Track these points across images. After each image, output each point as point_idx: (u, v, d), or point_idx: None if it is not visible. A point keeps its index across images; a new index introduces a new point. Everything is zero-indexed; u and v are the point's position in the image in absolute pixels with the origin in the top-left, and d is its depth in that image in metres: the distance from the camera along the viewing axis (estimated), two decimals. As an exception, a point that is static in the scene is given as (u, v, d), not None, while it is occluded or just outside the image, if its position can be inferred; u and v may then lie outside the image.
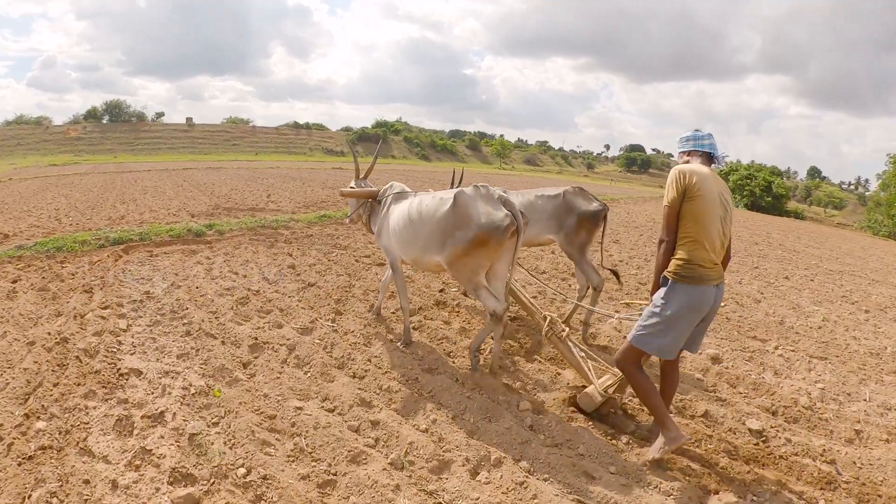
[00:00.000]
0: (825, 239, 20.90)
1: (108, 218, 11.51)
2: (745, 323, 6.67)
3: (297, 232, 10.38)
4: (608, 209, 5.65)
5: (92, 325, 5.17)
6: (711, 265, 3.16)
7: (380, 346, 5.06)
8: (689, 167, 3.21)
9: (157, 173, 25.72)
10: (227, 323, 5.42)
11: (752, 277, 9.70)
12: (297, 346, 4.92)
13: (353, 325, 5.59)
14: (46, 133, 57.06)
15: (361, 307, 6.19)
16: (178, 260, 7.87)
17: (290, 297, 6.38)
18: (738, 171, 46.13)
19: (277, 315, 5.73)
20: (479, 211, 4.02)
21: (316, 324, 5.53)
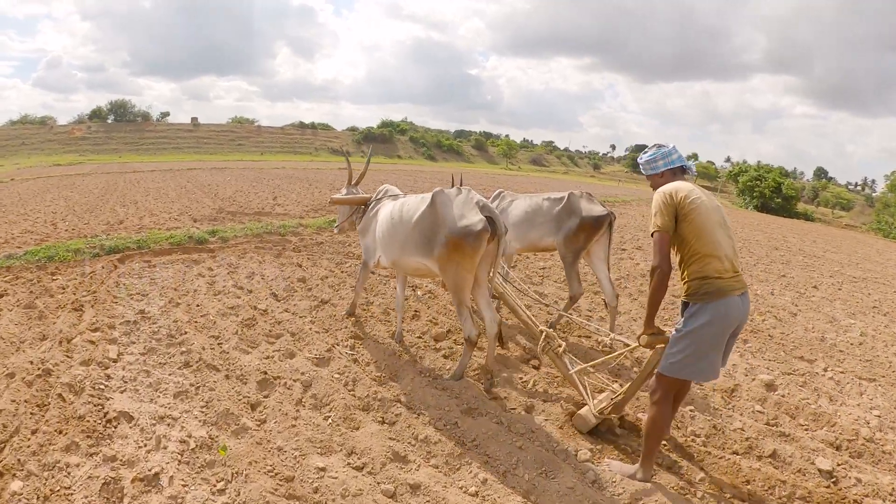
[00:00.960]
0: (839, 242, 20.63)
1: (106, 223, 10.86)
2: (788, 341, 6.23)
3: (305, 239, 9.74)
4: (614, 217, 5.43)
5: (79, 351, 4.53)
6: (731, 274, 2.97)
7: (409, 382, 4.38)
8: (672, 186, 3.05)
9: (161, 174, 25.10)
10: (231, 351, 4.76)
11: (782, 287, 9.34)
12: (313, 381, 4.26)
13: (376, 352, 4.94)
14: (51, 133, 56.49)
15: (383, 330, 5.53)
16: (178, 271, 7.21)
17: (302, 318, 5.71)
18: (748, 173, 45.83)
19: (289, 341, 5.07)
20: (454, 214, 3.93)
21: (333, 352, 4.86)
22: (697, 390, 4.46)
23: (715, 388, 4.47)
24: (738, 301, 2.99)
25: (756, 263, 11.55)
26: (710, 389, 4.41)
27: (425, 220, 4.13)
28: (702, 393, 4.44)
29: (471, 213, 3.91)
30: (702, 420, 3.97)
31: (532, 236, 5.60)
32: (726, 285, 2.94)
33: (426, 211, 4.13)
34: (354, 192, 5.53)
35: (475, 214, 3.88)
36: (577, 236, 5.32)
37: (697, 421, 3.95)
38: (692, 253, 2.99)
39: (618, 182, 59.89)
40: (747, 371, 5.08)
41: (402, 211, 4.43)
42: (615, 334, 4.60)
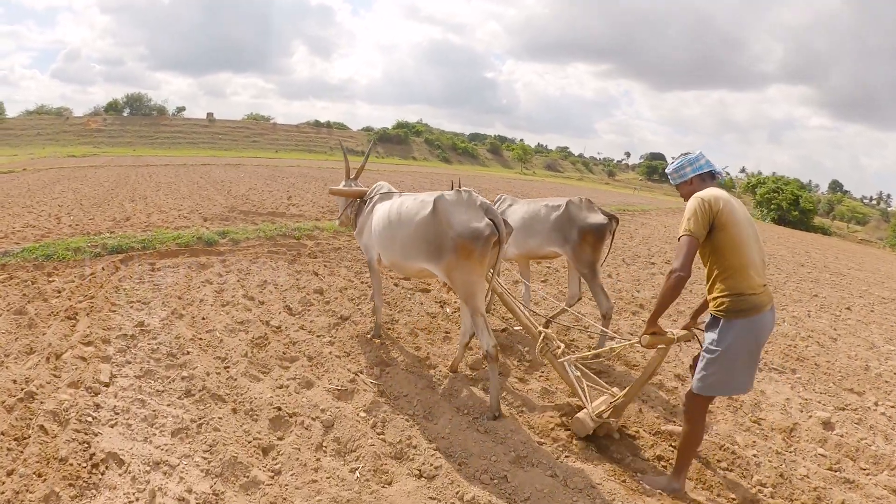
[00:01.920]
0: (861, 259, 20.23)
1: (112, 218, 10.31)
2: (835, 370, 5.81)
3: (322, 244, 9.13)
4: (617, 223, 5.28)
5: (68, 370, 3.97)
6: (761, 289, 2.91)
7: (447, 422, 3.74)
8: (709, 193, 2.93)
9: (175, 168, 24.64)
10: (239, 377, 4.16)
11: (817, 309, 8.92)
12: (335, 420, 3.64)
13: (406, 384, 4.30)
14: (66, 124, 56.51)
15: (411, 353, 4.93)
16: (184, 277, 6.63)
17: (320, 338, 5.11)
18: (766, 185, 45.33)
19: (305, 366, 4.47)
20: (458, 218, 3.75)
21: (357, 382, 4.25)
22: (759, 431, 4.15)
23: (774, 427, 4.18)
24: (770, 316, 2.96)
25: (786, 281, 11.31)
26: (769, 429, 4.15)
27: (428, 226, 3.91)
28: (762, 434, 4.10)
29: (476, 215, 3.75)
30: (767, 468, 3.57)
31: (531, 243, 5.37)
32: (759, 301, 2.88)
33: (429, 217, 3.91)
34: (352, 186, 5.42)
35: (480, 217, 3.73)
36: (582, 247, 5.11)
37: (763, 469, 3.55)
38: (727, 266, 2.90)
39: (633, 190, 59.20)
40: (802, 407, 4.71)
41: (401, 213, 4.23)
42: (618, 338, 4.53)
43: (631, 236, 14.92)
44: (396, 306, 6.29)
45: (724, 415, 4.34)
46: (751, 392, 4.21)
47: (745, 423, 4.22)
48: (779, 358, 5.89)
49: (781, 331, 7.01)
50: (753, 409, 4.49)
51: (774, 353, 6.02)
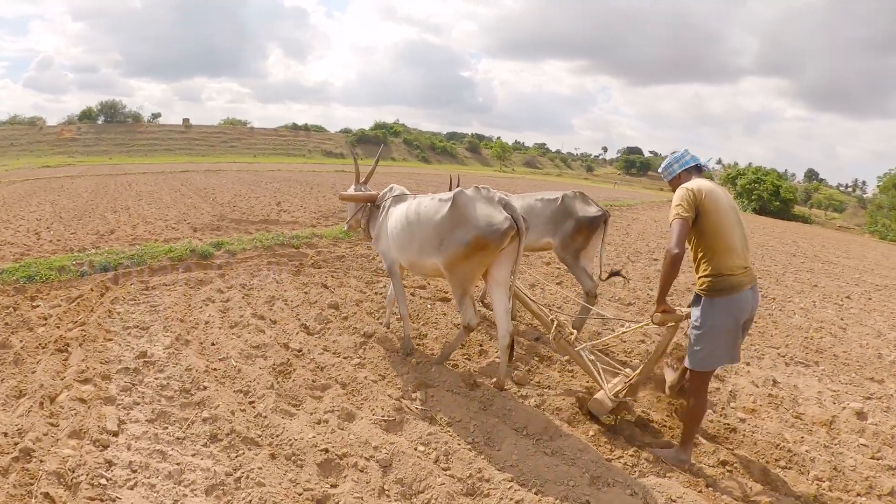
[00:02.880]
0: (846, 247, 20.90)
1: (96, 232, 9.60)
2: (852, 360, 5.95)
3: (323, 252, 8.56)
4: (609, 215, 5.45)
5: (67, 416, 3.40)
6: (742, 270, 3.12)
7: (511, 447, 3.32)
8: (694, 184, 3.18)
9: (153, 176, 23.74)
10: (269, 414, 3.60)
11: (820, 299, 9.14)
12: (393, 458, 3.15)
13: (455, 407, 3.82)
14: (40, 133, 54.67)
15: (451, 372, 4.40)
16: (183, 296, 6.03)
17: (348, 360, 4.58)
18: (746, 176, 45.88)
19: (340, 395, 3.94)
20: (479, 213, 3.82)
21: (403, 410, 3.74)
22: (803, 426, 4.22)
23: (815, 421, 4.26)
24: (749, 294, 3.16)
25: (784, 272, 11.46)
26: (811, 423, 4.22)
27: (446, 221, 3.95)
28: (806, 429, 4.17)
29: (496, 211, 3.80)
30: (821, 462, 3.63)
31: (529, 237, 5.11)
32: (738, 282, 3.10)
33: (448, 213, 3.95)
34: (362, 190, 5.28)
35: (500, 213, 3.78)
36: (574, 238, 5.32)
37: (818, 464, 3.61)
38: (709, 249, 3.13)
39: (614, 184, 59.14)
40: (834, 399, 4.77)
41: (420, 213, 4.22)
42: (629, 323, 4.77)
43: (627, 232, 14.79)
44: (420, 319, 5.77)
45: (768, 412, 4.34)
46: (786, 388, 4.74)
47: (788, 420, 4.25)
48: (800, 351, 5.99)
49: (794, 323, 7.19)
50: (792, 405, 4.51)
51: (794, 346, 6.14)
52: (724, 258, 3.11)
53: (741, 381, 4.83)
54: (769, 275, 10.88)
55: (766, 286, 9.50)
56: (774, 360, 5.55)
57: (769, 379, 4.92)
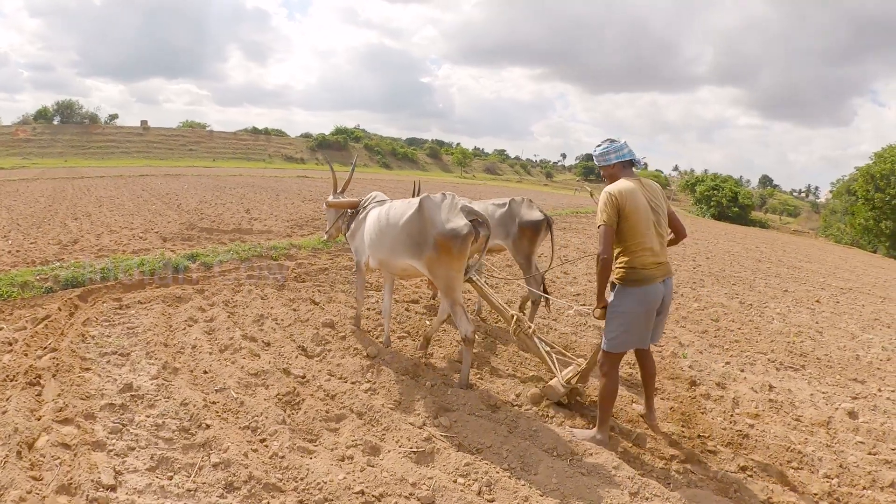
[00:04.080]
0: (806, 251, 21.68)
1: (58, 242, 8.90)
2: (834, 363, 6.22)
3: (304, 264, 8.12)
4: (552, 220, 5.78)
5: (52, 469, 2.92)
6: (655, 265, 3.42)
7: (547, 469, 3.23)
8: (616, 187, 3.40)
9: (112, 180, 22.66)
10: (287, 453, 3.20)
11: (793, 304, 9.41)
12: (435, 495, 2.93)
13: (482, 432, 3.64)
14: None
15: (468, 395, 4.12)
16: (162, 315, 5.52)
17: (357, 385, 4.24)
18: (705, 183, 46.93)
19: (359, 425, 3.61)
20: (441, 217, 4.06)
21: (429, 437, 3.46)
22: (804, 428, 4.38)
23: (813, 422, 4.44)
24: (661, 286, 3.47)
25: (755, 279, 11.66)
26: (810, 425, 4.41)
27: (413, 224, 4.20)
28: (808, 430, 4.33)
29: (456, 217, 4.04)
30: (828, 461, 3.80)
31: None
32: (650, 275, 3.41)
33: (414, 216, 4.20)
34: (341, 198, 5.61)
35: (461, 219, 4.01)
36: (521, 240, 5.62)
37: (825, 462, 3.78)
38: (625, 247, 3.42)
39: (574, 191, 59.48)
40: (826, 400, 4.98)
41: (389, 215, 4.51)
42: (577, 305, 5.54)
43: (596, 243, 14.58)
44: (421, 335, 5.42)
45: (771, 416, 4.48)
46: (782, 392, 4.93)
47: (790, 422, 4.40)
48: (786, 356, 6.17)
49: (775, 328, 7.38)
50: (791, 408, 4.68)
51: (780, 351, 6.32)
52: (638, 254, 3.41)
53: (741, 388, 4.97)
54: (742, 281, 11.04)
55: (741, 293, 9.70)
56: (766, 366, 5.72)
57: (765, 384, 5.06)
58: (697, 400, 4.59)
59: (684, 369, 5.30)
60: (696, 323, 7.14)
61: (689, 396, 4.67)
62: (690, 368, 5.37)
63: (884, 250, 30.62)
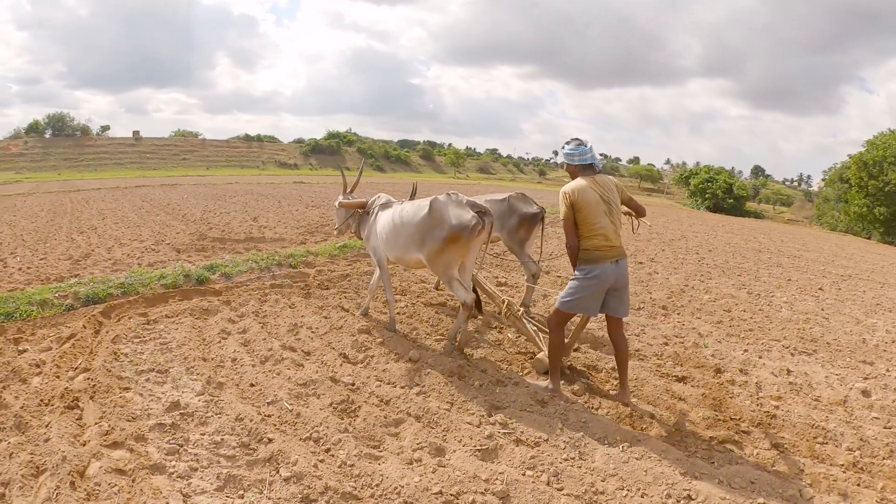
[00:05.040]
0: (803, 240, 21.82)
1: (69, 257, 8.68)
2: (843, 346, 6.39)
3: (324, 271, 7.94)
4: (545, 212, 6.38)
5: (110, 498, 2.77)
6: (608, 248, 3.97)
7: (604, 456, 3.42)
8: (569, 186, 4.02)
9: (109, 192, 22.37)
10: (355, 461, 3.14)
11: (798, 292, 9.59)
12: (509, 488, 3.03)
13: (536, 426, 3.76)
14: None
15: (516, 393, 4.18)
16: (192, 328, 5.34)
17: (408, 388, 4.14)
18: (699, 175, 46.83)
19: (418, 428, 3.61)
20: (451, 214, 4.56)
21: (494, 436, 3.52)
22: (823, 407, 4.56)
23: (831, 401, 4.63)
24: (613, 266, 3.96)
25: (758, 269, 11.72)
26: (828, 404, 4.59)
27: (425, 222, 4.70)
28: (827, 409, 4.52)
29: (465, 211, 4.57)
30: (849, 436, 4.00)
31: None
32: (603, 255, 3.94)
33: (426, 215, 4.70)
34: (351, 199, 6.09)
35: (468, 212, 4.55)
36: (518, 231, 6.24)
37: (847, 437, 3.97)
38: (583, 233, 3.98)
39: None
40: (840, 381, 5.14)
41: (402, 217, 4.98)
42: None
43: None
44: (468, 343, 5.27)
45: (793, 398, 4.66)
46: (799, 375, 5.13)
47: (810, 402, 4.59)
48: (798, 342, 6.34)
49: (784, 316, 7.53)
50: (809, 390, 4.86)
51: (792, 337, 6.48)
52: (592, 239, 3.96)
53: (762, 373, 5.15)
54: (746, 272, 11.07)
55: (748, 283, 9.82)
56: (781, 352, 5.89)
57: (783, 369, 5.25)
58: (725, 386, 4.78)
59: (707, 358, 5.45)
60: (711, 314, 7.29)
61: (716, 383, 4.83)
62: (713, 357, 5.51)
63: (878, 237, 30.62)
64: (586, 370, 4.89)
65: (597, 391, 4.45)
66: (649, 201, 46.21)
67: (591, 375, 4.81)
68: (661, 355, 5.41)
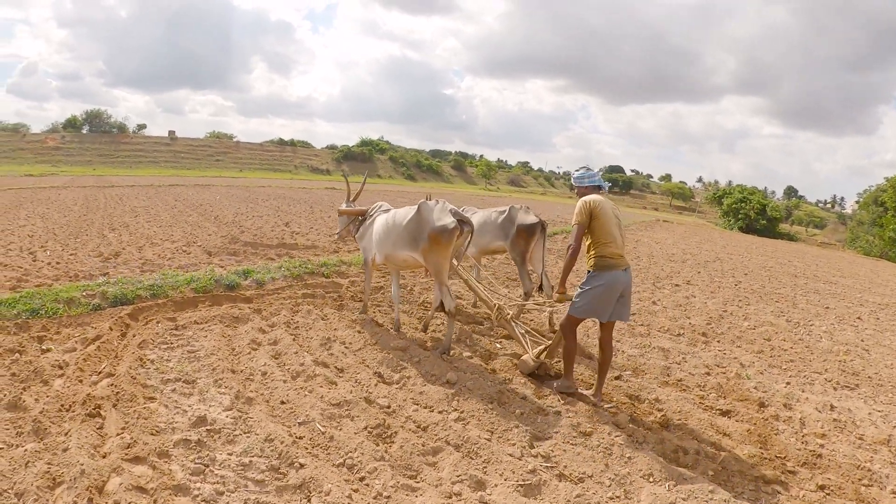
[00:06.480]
0: (838, 265, 21.48)
1: (99, 254, 8.61)
2: (885, 381, 6.15)
3: (357, 282, 7.73)
4: (545, 223, 6.54)
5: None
6: (618, 257, 4.28)
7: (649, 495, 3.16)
8: (590, 198, 4.35)
9: (143, 189, 22.65)
10: (392, 492, 2.93)
11: (836, 321, 9.23)
12: None
13: (580, 460, 3.54)
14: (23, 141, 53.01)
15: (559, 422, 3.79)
16: (221, 337, 5.15)
17: (446, 414, 3.89)
18: (732, 195, 45.93)
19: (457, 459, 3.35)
20: (434, 217, 5.02)
21: (537, 471, 3.27)
22: (867, 446, 4.37)
23: (875, 440, 4.46)
24: (622, 273, 4.28)
25: (795, 295, 11.43)
26: (872, 443, 4.43)
27: (413, 222, 5.14)
28: (871, 448, 4.33)
29: (445, 216, 4.98)
30: (893, 477, 3.83)
31: (482, 241, 6.54)
32: (614, 263, 4.26)
33: (414, 216, 5.15)
34: (352, 206, 6.53)
35: (448, 217, 4.96)
36: (517, 241, 6.37)
37: (892, 480, 3.81)
38: (595, 241, 4.30)
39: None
40: (884, 418, 4.97)
41: (395, 218, 5.43)
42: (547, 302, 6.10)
43: (637, 256, 14.62)
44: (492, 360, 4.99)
45: (837, 436, 4.48)
46: (843, 412, 4.96)
47: (854, 441, 4.42)
48: (840, 375, 6.12)
49: (824, 347, 7.29)
50: (853, 427, 4.69)
51: (833, 370, 6.27)
52: (605, 247, 4.24)
53: (806, 409, 4.97)
54: (784, 298, 10.79)
55: (786, 310, 9.53)
56: (823, 386, 5.70)
57: (826, 404, 5.07)
58: (769, 421, 4.62)
59: (751, 391, 5.28)
60: (751, 343, 7.08)
61: (760, 418, 4.65)
62: (756, 389, 5.34)
63: (914, 263, 29.73)
64: (629, 400, 4.65)
65: (640, 422, 4.21)
66: (681, 219, 45.49)
67: (634, 406, 4.57)
68: (704, 386, 5.24)
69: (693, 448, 3.88)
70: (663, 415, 4.42)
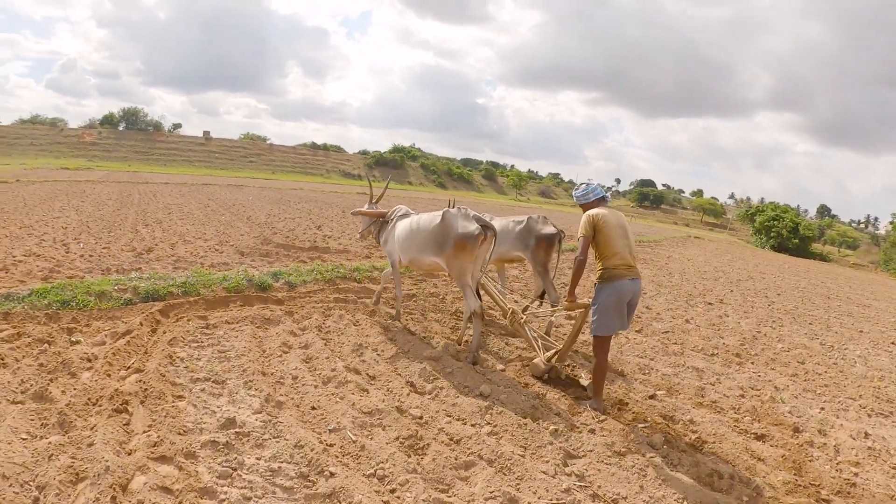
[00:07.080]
0: (871, 287, 21.30)
1: (131, 248, 8.66)
2: None
3: (389, 288, 7.57)
4: (563, 234, 6.54)
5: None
6: (626, 268, 4.31)
7: None
8: (595, 211, 4.41)
9: (176, 187, 22.99)
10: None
11: (871, 345, 8.99)
12: None
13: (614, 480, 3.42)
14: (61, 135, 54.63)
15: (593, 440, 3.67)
16: (252, 338, 5.06)
17: (479, 427, 3.76)
18: (765, 213, 45.02)
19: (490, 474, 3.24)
20: (458, 224, 5.14)
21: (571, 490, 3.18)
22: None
23: None
24: (629, 283, 4.31)
25: (828, 318, 11.16)
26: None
27: (437, 229, 5.26)
28: None
29: (469, 223, 5.09)
30: None
31: (500, 249, 6.28)
32: (621, 273, 4.29)
33: (438, 224, 5.26)
34: (374, 209, 6.68)
35: (472, 224, 5.08)
36: (537, 251, 6.35)
37: None
38: (602, 252, 4.37)
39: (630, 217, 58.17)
40: None
41: (420, 224, 5.55)
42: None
43: (670, 273, 14.38)
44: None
45: (871, 465, 4.35)
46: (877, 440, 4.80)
47: (888, 470, 4.28)
48: (874, 402, 5.95)
49: (858, 372, 7.08)
50: (887, 456, 4.55)
51: (867, 396, 6.10)
52: (611, 258, 4.29)
53: (840, 435, 4.84)
54: (817, 320, 10.53)
55: (820, 333, 9.31)
56: (858, 413, 5.53)
57: (861, 432, 4.94)
58: (804, 447, 4.51)
59: (785, 415, 5.15)
60: (785, 365, 6.92)
61: (795, 444, 4.54)
62: (790, 414, 5.20)
63: (948, 287, 29.04)
64: (663, 420, 4.47)
65: (675, 444, 4.06)
66: (712, 236, 44.67)
67: (668, 426, 4.38)
68: (739, 409, 5.13)
69: (727, 472, 3.77)
70: (698, 436, 4.30)
